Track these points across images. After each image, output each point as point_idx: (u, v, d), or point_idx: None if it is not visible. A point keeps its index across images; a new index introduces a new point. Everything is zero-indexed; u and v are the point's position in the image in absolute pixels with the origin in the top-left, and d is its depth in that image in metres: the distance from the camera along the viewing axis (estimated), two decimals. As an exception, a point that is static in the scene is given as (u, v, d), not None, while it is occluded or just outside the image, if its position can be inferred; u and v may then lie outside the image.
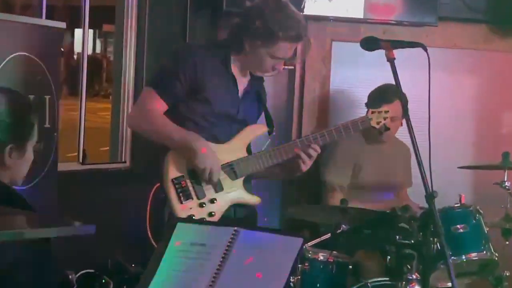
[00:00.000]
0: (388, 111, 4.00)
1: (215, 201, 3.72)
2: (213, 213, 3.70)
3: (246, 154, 3.82)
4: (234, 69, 3.83)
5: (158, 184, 3.68)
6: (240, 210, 3.84)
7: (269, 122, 3.95)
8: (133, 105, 5.22)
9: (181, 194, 3.68)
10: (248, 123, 3.88)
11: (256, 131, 3.89)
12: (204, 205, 3.70)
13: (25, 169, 2.84)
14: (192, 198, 3.69)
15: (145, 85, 3.80)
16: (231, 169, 3.77)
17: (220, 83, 3.78)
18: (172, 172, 3.69)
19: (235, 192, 3.79)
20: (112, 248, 4.47)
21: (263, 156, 3.82)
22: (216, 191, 3.74)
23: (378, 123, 4.01)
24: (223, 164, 3.75)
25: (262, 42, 3.73)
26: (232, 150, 3.79)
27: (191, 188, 3.70)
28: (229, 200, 3.77)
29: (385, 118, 4.01)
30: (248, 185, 3.86)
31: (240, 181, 3.80)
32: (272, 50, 3.74)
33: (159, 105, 3.72)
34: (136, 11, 5.55)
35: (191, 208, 3.67)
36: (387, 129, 4.06)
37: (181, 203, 3.66)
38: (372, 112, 4.00)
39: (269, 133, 3.94)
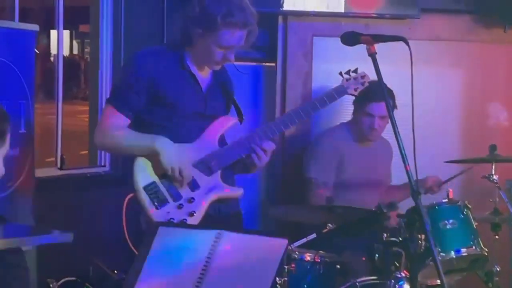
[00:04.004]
0: (365, 76, 3.97)
1: (193, 200, 3.68)
2: (193, 212, 3.66)
3: (218, 148, 3.78)
4: (193, 66, 3.79)
5: (131, 195, 3.64)
6: (224, 207, 3.80)
7: (238, 112, 3.91)
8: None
9: (155, 200, 3.64)
10: (218, 117, 3.84)
11: (226, 123, 3.84)
12: (182, 206, 3.66)
13: None
14: (168, 202, 3.65)
15: (105, 101, 3.79)
16: (205, 165, 3.73)
17: (179, 83, 3.74)
18: (143, 179, 3.65)
19: (213, 188, 3.74)
20: (93, 255, 4.46)
21: (236, 146, 3.78)
22: (193, 190, 3.70)
23: (355, 89, 3.98)
24: (196, 162, 3.71)
25: (203, 31, 3.68)
26: (203, 146, 3.74)
27: (165, 193, 3.66)
28: (208, 197, 3.72)
29: (363, 84, 3.98)
30: (228, 178, 3.81)
31: (217, 175, 3.75)
32: (215, 39, 3.68)
33: (120, 120, 3.70)
34: (111, 10, 5.53)
35: (168, 212, 3.63)
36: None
37: (157, 209, 3.63)
38: (347, 80, 3.97)
39: (240, 122, 3.90)
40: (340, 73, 3.95)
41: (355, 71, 3.98)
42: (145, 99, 3.70)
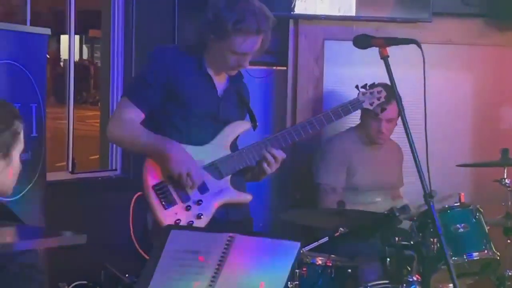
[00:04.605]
0: (381, 91, 3.95)
1: (201, 203, 3.69)
2: (201, 215, 3.67)
3: (230, 152, 3.79)
4: (211, 69, 3.81)
5: (139, 193, 3.66)
6: (233, 211, 3.81)
7: (252, 118, 3.92)
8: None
9: (163, 200, 3.65)
10: (231, 122, 3.84)
11: (238, 128, 3.85)
12: (189, 208, 3.67)
13: (14, 178, 2.84)
14: (176, 203, 3.66)
15: (122, 94, 3.80)
16: (215, 168, 3.74)
17: (196, 84, 3.76)
18: (152, 179, 3.66)
19: (222, 192, 3.75)
20: (105, 258, 4.47)
21: (248, 152, 3.78)
22: (202, 193, 3.70)
23: (371, 104, 3.96)
24: (206, 164, 3.72)
25: (216, 36, 3.70)
26: (214, 150, 3.76)
27: (173, 193, 3.67)
28: (217, 200, 3.73)
29: (379, 98, 3.96)
30: (238, 183, 3.82)
31: (226, 179, 3.76)
32: (228, 45, 3.69)
33: (134, 114, 3.71)
34: (123, 15, 5.55)
35: (176, 213, 3.64)
36: (384, 109, 4.00)
37: (165, 209, 3.64)
38: (364, 94, 3.95)
39: (254, 128, 3.90)
40: (357, 87, 3.94)
41: (372, 86, 3.97)
42: (161, 95, 3.72)
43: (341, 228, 4.06)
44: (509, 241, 4.74)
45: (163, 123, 3.75)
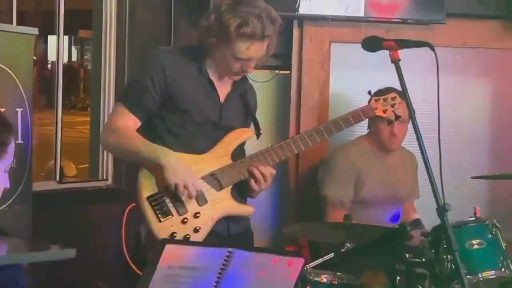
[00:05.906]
0: (395, 97, 3.92)
1: (198, 215, 3.68)
2: (198, 228, 3.67)
3: (231, 162, 3.79)
4: (212, 73, 3.81)
5: (133, 204, 3.66)
6: (234, 226, 3.82)
7: (256, 126, 3.92)
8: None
9: (158, 212, 3.64)
10: (233, 129, 3.84)
11: (240, 136, 3.85)
12: (186, 221, 3.67)
13: None
14: (172, 215, 3.66)
15: (116, 99, 3.80)
16: (214, 179, 3.74)
17: (196, 89, 3.77)
18: (147, 189, 3.66)
19: (222, 204, 3.75)
20: (95, 274, 4.48)
21: (250, 161, 3.77)
22: (200, 205, 3.70)
23: (384, 111, 3.95)
24: (205, 175, 3.72)
25: (217, 40, 3.70)
26: (215, 159, 3.76)
27: (169, 204, 3.66)
28: (216, 213, 3.73)
29: (393, 105, 3.94)
30: (240, 195, 3.82)
31: (227, 191, 3.76)
32: (230, 49, 3.70)
33: (130, 121, 3.71)
34: (115, 14, 5.56)
35: (171, 226, 3.64)
36: (398, 117, 3.97)
37: (160, 221, 3.64)
38: (376, 100, 3.93)
39: (257, 136, 3.90)
40: (369, 92, 3.93)
41: (385, 91, 3.96)
42: (159, 101, 3.72)
43: (347, 244, 4.05)
44: (527, 259, 4.73)
45: (161, 129, 3.76)
